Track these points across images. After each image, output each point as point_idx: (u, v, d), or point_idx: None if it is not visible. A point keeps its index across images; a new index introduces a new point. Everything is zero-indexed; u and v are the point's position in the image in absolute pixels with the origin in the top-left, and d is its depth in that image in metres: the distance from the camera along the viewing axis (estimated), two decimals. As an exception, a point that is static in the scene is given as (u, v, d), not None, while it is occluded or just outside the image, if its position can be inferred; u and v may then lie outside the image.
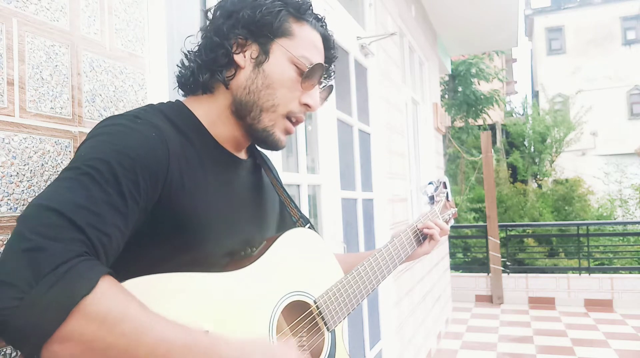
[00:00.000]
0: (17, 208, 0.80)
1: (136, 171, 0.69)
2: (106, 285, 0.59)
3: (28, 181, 0.82)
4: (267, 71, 0.85)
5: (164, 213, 0.73)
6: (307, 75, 0.87)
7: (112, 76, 1.01)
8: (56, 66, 0.88)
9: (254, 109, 0.85)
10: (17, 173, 0.80)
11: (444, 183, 1.39)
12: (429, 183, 1.36)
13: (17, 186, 0.80)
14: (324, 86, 0.95)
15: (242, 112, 0.86)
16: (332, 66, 0.97)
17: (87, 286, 0.57)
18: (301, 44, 0.87)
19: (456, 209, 1.42)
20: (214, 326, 0.71)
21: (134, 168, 0.69)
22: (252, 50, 0.86)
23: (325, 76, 0.95)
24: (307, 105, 0.89)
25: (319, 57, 0.90)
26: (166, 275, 0.68)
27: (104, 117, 0.97)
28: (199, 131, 0.84)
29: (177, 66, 0.91)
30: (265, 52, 0.86)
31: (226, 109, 0.87)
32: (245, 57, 0.86)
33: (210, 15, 0.89)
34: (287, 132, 0.90)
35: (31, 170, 0.83)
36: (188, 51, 0.90)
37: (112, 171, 0.67)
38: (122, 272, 0.66)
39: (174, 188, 0.74)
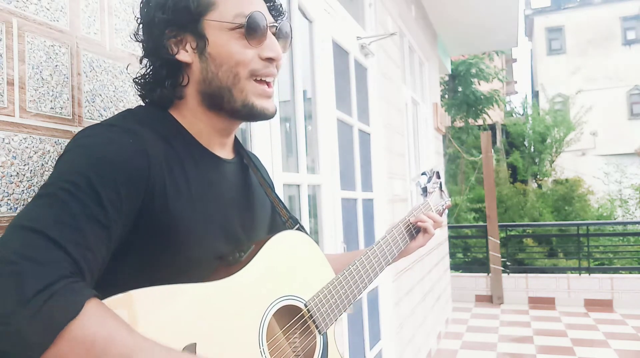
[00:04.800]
0: (17, 208, 0.79)
1: (116, 180, 0.67)
2: (93, 308, 0.58)
3: (28, 181, 0.82)
4: (212, 53, 0.81)
5: (149, 220, 0.72)
6: (248, 28, 0.81)
7: (112, 76, 1.01)
8: (56, 66, 0.88)
9: (224, 92, 0.82)
10: (17, 173, 0.80)
11: (437, 173, 1.34)
12: (422, 174, 1.31)
13: (17, 186, 0.80)
14: (277, 28, 0.87)
15: (216, 102, 0.83)
16: (275, 3, 0.91)
17: (73, 310, 0.56)
18: (228, 6, 0.82)
19: (450, 199, 1.37)
20: (203, 337, 0.70)
21: (113, 177, 0.67)
22: (189, 41, 0.82)
23: (274, 20, 0.88)
24: (269, 59, 0.83)
25: (254, 5, 0.84)
26: (153, 288, 0.67)
27: (104, 117, 0.97)
28: (179, 133, 0.82)
29: (136, 89, 0.88)
30: (200, 37, 0.81)
31: (199, 106, 0.84)
32: (187, 51, 0.82)
33: (139, 37, 0.86)
34: (265, 95, 0.84)
35: (31, 170, 0.82)
36: (134, 78, 0.87)
37: (90, 183, 0.65)
38: (111, 282, 0.65)
39: (157, 193, 0.73)
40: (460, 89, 14.11)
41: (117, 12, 1.03)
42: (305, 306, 0.91)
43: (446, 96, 14.10)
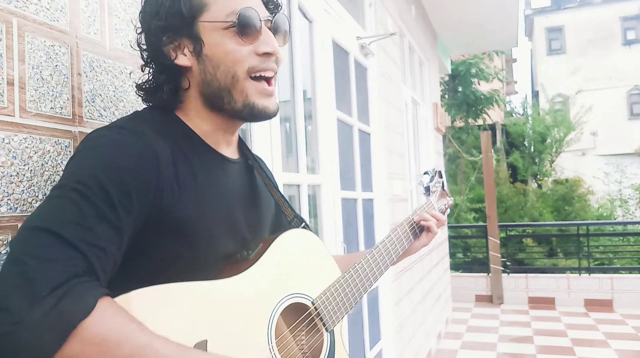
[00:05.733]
0: (17, 208, 0.79)
1: (126, 182, 0.68)
2: (105, 307, 0.58)
3: (28, 181, 0.82)
4: (209, 54, 0.81)
5: (159, 220, 0.73)
6: (239, 25, 0.80)
7: (112, 76, 1.01)
8: (56, 66, 0.88)
9: (223, 93, 0.82)
10: (17, 173, 0.80)
11: (439, 173, 1.36)
12: (425, 173, 1.33)
13: (17, 186, 0.80)
14: (272, 23, 0.86)
15: (216, 103, 0.84)
16: None
17: (85, 309, 0.56)
18: (219, 5, 0.81)
19: (452, 198, 1.39)
20: (212, 335, 0.71)
21: (123, 179, 0.68)
22: (186, 45, 0.82)
23: (268, 13, 0.86)
24: (266, 53, 0.82)
25: (246, 1, 0.82)
26: (163, 286, 0.68)
27: (104, 117, 0.97)
28: (185, 134, 0.83)
29: (138, 94, 0.89)
30: (196, 39, 0.81)
31: (203, 108, 0.85)
32: (185, 55, 0.82)
33: (142, 46, 0.86)
34: (266, 94, 0.84)
35: (31, 170, 0.82)
36: (136, 84, 0.87)
37: (101, 184, 0.66)
38: (121, 284, 0.65)
39: (166, 194, 0.73)
40: (460, 89, 14.10)
41: (117, 12, 1.03)
42: (313, 304, 0.91)
43: (446, 96, 14.09)
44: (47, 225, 0.61)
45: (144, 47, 0.85)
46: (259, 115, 0.85)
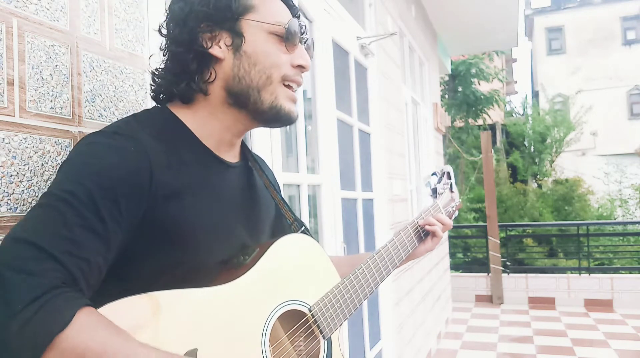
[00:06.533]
0: (17, 208, 0.79)
1: (115, 190, 0.67)
2: (84, 318, 0.57)
3: (28, 181, 0.82)
4: (248, 51, 0.82)
5: (153, 226, 0.72)
6: (288, 36, 0.84)
7: (112, 76, 1.01)
8: (56, 66, 0.88)
9: (252, 92, 0.83)
10: (17, 173, 0.80)
11: (448, 173, 1.32)
12: (432, 174, 1.29)
13: (17, 186, 0.80)
14: (305, 41, 0.90)
15: (241, 100, 0.83)
16: (301, 18, 0.93)
17: (62, 322, 0.55)
18: (267, 11, 0.84)
19: (460, 200, 1.35)
20: (205, 342, 0.70)
21: (113, 187, 0.67)
22: (224, 38, 0.82)
23: (302, 31, 0.90)
24: (300, 66, 0.86)
25: (288, 15, 0.87)
26: (154, 293, 0.67)
27: (104, 117, 0.97)
28: (184, 137, 0.82)
29: (150, 84, 0.88)
30: (238, 35, 0.82)
31: (222, 104, 0.84)
32: (221, 47, 0.82)
33: (163, 30, 0.85)
34: (293, 99, 0.87)
35: (31, 170, 0.82)
36: (154, 70, 0.86)
37: (89, 193, 0.65)
38: (115, 289, 0.64)
39: (161, 199, 0.72)
40: (460, 89, 14.10)
41: (117, 12, 1.03)
42: (310, 311, 0.89)
43: (446, 96, 14.09)
44: (30, 237, 0.60)
45: (169, 32, 0.84)
46: (283, 117, 0.86)
